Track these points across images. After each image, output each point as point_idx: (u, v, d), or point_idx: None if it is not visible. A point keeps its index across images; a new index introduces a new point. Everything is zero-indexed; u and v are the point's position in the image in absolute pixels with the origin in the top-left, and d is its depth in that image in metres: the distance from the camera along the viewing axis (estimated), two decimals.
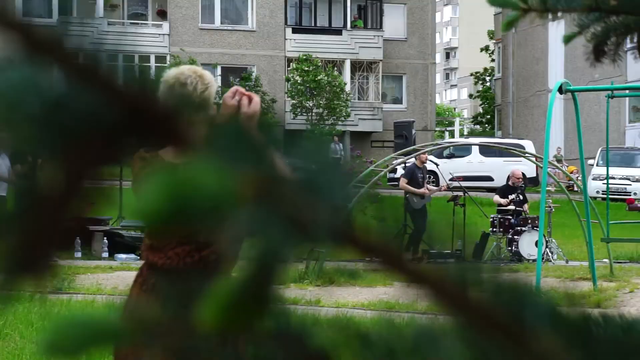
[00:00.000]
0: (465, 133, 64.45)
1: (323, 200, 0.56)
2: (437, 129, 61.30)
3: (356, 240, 0.55)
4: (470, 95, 66.15)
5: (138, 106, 0.55)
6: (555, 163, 26.25)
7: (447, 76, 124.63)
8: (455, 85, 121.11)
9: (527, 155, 22.01)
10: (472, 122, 66.30)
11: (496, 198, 19.37)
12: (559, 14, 1.80)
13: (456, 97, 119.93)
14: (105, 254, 16.78)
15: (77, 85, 0.54)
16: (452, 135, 65.47)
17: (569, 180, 26.88)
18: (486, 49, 61.23)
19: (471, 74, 64.38)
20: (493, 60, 56.90)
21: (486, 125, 59.15)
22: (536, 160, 21.01)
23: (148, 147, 0.58)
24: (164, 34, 43.16)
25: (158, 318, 0.61)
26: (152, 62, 42.43)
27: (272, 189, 0.51)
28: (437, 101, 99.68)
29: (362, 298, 12.54)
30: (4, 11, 0.54)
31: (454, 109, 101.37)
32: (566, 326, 0.59)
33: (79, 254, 16.12)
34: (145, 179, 0.53)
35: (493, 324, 0.58)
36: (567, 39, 1.94)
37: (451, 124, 70.12)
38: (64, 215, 0.55)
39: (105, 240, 17.02)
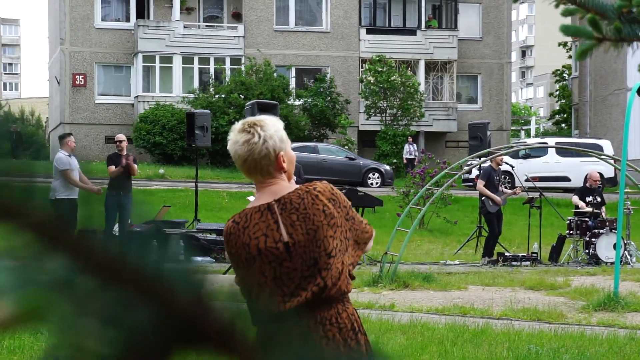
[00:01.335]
0: (542, 132, 63.61)
1: None
2: (513, 127, 60.63)
3: None
4: (551, 94, 65.23)
5: (194, 320, 0.57)
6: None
7: (522, 74, 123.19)
8: (532, 83, 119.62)
9: (604, 157, 21.67)
10: (548, 120, 65.40)
11: (575, 199, 19.08)
12: (635, 44, 1.79)
13: (532, 95, 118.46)
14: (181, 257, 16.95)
15: (135, 301, 0.57)
16: (528, 134, 64.68)
17: None
18: (564, 44, 60.35)
19: (553, 72, 63.44)
20: (570, 57, 56.03)
21: (562, 124, 58.29)
22: (614, 162, 20.65)
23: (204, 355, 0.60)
24: (239, 36, 43.49)
25: None
26: (227, 64, 42.82)
27: None
28: (513, 100, 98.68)
29: (436, 303, 12.43)
30: (68, 236, 0.58)
31: (530, 107, 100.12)
32: None
33: None
34: None
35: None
36: None
37: (527, 122, 69.24)
38: None
39: (181, 243, 17.22)
